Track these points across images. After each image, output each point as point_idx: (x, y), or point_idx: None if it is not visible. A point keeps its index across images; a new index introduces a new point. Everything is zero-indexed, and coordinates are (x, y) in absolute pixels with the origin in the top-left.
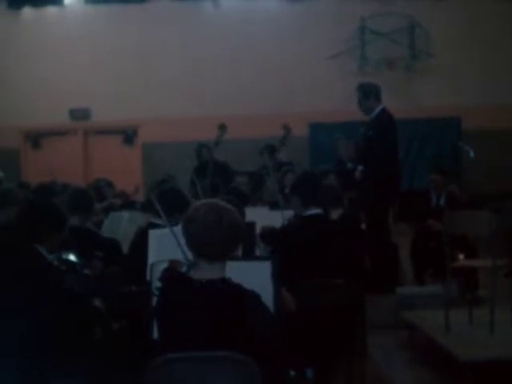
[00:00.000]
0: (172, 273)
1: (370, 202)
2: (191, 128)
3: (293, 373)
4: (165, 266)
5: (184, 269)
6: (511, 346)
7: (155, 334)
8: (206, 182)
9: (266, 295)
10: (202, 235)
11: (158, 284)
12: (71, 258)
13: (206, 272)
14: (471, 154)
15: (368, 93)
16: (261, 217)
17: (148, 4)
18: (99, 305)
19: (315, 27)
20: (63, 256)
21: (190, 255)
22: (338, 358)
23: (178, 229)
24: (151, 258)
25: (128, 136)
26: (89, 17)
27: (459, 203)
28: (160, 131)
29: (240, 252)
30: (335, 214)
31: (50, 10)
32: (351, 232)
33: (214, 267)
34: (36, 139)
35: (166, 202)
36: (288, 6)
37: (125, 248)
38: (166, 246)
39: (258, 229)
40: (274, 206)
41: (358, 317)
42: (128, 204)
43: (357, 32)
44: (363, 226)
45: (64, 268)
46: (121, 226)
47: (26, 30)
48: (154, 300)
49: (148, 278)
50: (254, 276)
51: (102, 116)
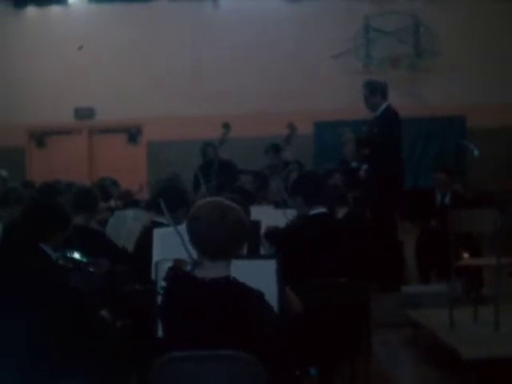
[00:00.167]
0: (177, 272)
1: (374, 200)
2: (196, 126)
3: (297, 372)
4: (169, 264)
5: (188, 267)
6: None
7: (160, 333)
8: (211, 181)
9: (271, 294)
10: (206, 233)
11: (162, 283)
12: (76, 256)
13: (210, 271)
14: (476, 152)
15: (374, 90)
16: (266, 216)
17: (152, 3)
18: (106, 315)
19: (320, 26)
20: (68, 254)
21: (194, 254)
22: (343, 356)
23: (182, 227)
24: (156, 256)
25: (132, 135)
26: (93, 16)
27: (464, 202)
28: (165, 130)
29: (245, 250)
30: (340, 213)
31: (54, 9)
32: (356, 231)
33: (219, 266)
34: (41, 138)
35: (169, 198)
36: (293, 4)
37: (129, 246)
38: (170, 245)
39: (262, 227)
40: (278, 204)
41: (362, 316)
42: (133, 203)
43: (361, 31)
44: (369, 225)
45: (69, 266)
46: (125, 225)
47: (30, 29)
48: (159, 299)
49: (153, 276)
50: (258, 274)
51: (106, 115)
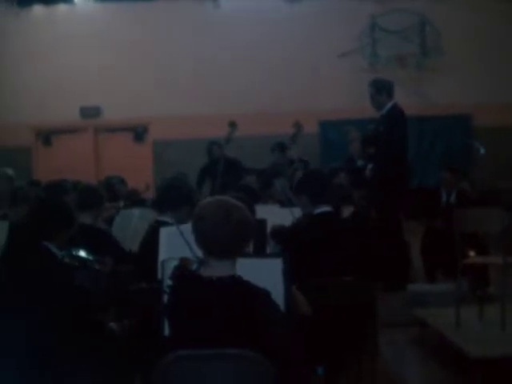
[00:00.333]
0: (183, 270)
1: (380, 199)
2: (202, 125)
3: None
4: (175, 263)
5: (194, 266)
6: None
7: (166, 332)
8: (217, 179)
9: (277, 292)
10: (211, 233)
11: (169, 282)
12: (81, 254)
13: (215, 269)
14: (482, 151)
15: (381, 88)
16: (271, 214)
17: (158, 2)
18: (115, 327)
19: (326, 25)
20: (73, 252)
21: (199, 253)
22: (349, 356)
23: (187, 226)
24: (162, 255)
25: (138, 134)
26: (99, 15)
27: (470, 201)
28: (170, 129)
29: (251, 249)
30: (346, 212)
31: (61, 7)
32: (361, 230)
33: (224, 264)
34: (47, 137)
35: (171, 197)
36: (299, 3)
37: (135, 245)
38: (176, 244)
39: (268, 226)
40: (284, 203)
41: (368, 315)
42: (139, 201)
43: (367, 30)
44: (374, 224)
45: (75, 264)
46: (131, 223)
47: (36, 28)
48: (165, 297)
49: (159, 275)
50: (264, 273)
51: (112, 114)
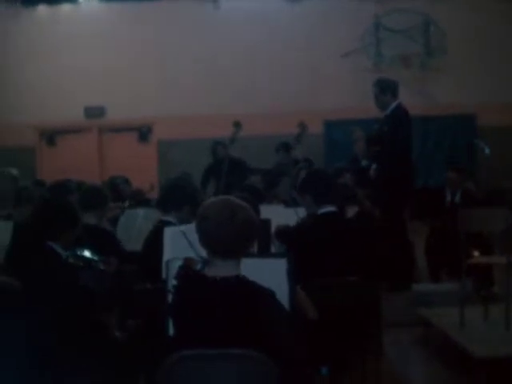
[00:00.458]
0: (187, 270)
1: (384, 199)
2: (206, 125)
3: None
4: (180, 263)
5: (199, 266)
6: None
7: (171, 332)
8: (221, 179)
9: (281, 293)
10: (215, 233)
11: (174, 282)
12: (86, 254)
13: (220, 269)
14: (486, 151)
15: (385, 88)
16: (276, 214)
17: (162, 2)
18: (119, 335)
19: (331, 25)
20: (78, 252)
21: (203, 253)
22: (354, 355)
23: (191, 226)
24: (166, 255)
25: (143, 133)
26: (103, 14)
27: (475, 200)
28: (175, 129)
29: (255, 249)
30: (351, 212)
31: (65, 7)
32: (366, 230)
33: (228, 264)
34: (51, 137)
35: (174, 197)
36: (303, 3)
37: (139, 245)
38: (181, 244)
39: (273, 226)
40: (288, 203)
41: (373, 315)
42: (144, 201)
43: (371, 29)
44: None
45: (79, 264)
46: (136, 223)
47: (40, 28)
48: (170, 297)
49: (163, 275)
50: (269, 273)
51: (116, 113)
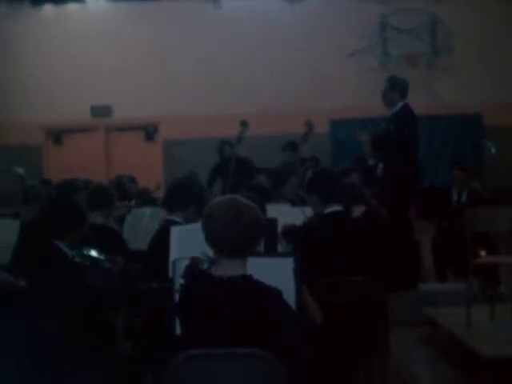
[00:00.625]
0: (194, 270)
1: (390, 199)
2: (212, 125)
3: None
4: (186, 262)
5: (205, 266)
6: None
7: (177, 331)
8: (228, 179)
9: (288, 292)
10: (221, 232)
11: (180, 281)
12: (93, 253)
13: (226, 269)
14: (493, 150)
15: (395, 85)
16: (282, 213)
17: (169, 2)
18: (126, 345)
19: (336, 24)
20: (84, 252)
21: (210, 252)
22: (360, 355)
23: (197, 225)
24: (173, 254)
25: (149, 133)
26: (109, 14)
27: (481, 200)
28: (181, 128)
29: (262, 248)
30: (358, 211)
31: (71, 7)
32: (373, 229)
33: (235, 264)
34: (58, 136)
35: (180, 196)
36: (304, 3)
37: (146, 244)
38: (187, 243)
39: (279, 225)
40: (295, 202)
41: (379, 314)
42: (150, 201)
43: (378, 29)
44: (385, 224)
45: (86, 264)
46: (142, 222)
47: (47, 27)
48: (177, 297)
49: (170, 274)
50: (275, 272)
51: (123, 113)
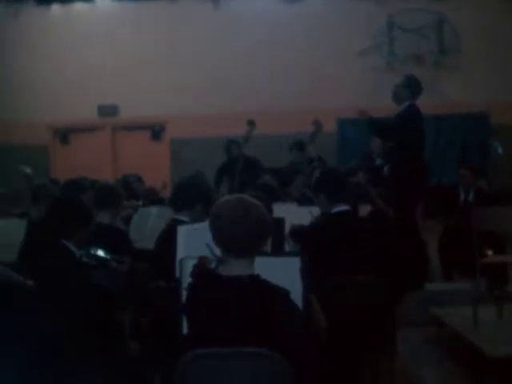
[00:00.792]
0: (201, 269)
1: (397, 198)
2: (219, 124)
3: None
4: (194, 262)
5: (213, 265)
6: None
7: (184, 330)
8: (235, 178)
9: (295, 291)
10: (229, 231)
11: (188, 280)
12: (100, 253)
13: (234, 268)
14: (499, 150)
15: (410, 84)
16: (289, 213)
17: (175, 2)
18: (134, 345)
19: (343, 23)
20: (92, 251)
21: (217, 251)
22: (367, 355)
23: (204, 225)
24: (180, 253)
25: (156, 132)
26: (116, 13)
27: (488, 199)
28: (188, 127)
29: (269, 248)
30: (365, 211)
31: (79, 6)
32: (379, 229)
33: (242, 263)
34: (65, 135)
35: (186, 195)
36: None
37: (152, 243)
38: (194, 242)
39: (286, 225)
40: (302, 202)
41: (386, 314)
42: (157, 200)
43: (385, 28)
44: (392, 223)
45: (93, 263)
46: (149, 222)
47: (54, 27)
48: (184, 296)
49: (177, 273)
50: (282, 272)
51: (129, 112)
